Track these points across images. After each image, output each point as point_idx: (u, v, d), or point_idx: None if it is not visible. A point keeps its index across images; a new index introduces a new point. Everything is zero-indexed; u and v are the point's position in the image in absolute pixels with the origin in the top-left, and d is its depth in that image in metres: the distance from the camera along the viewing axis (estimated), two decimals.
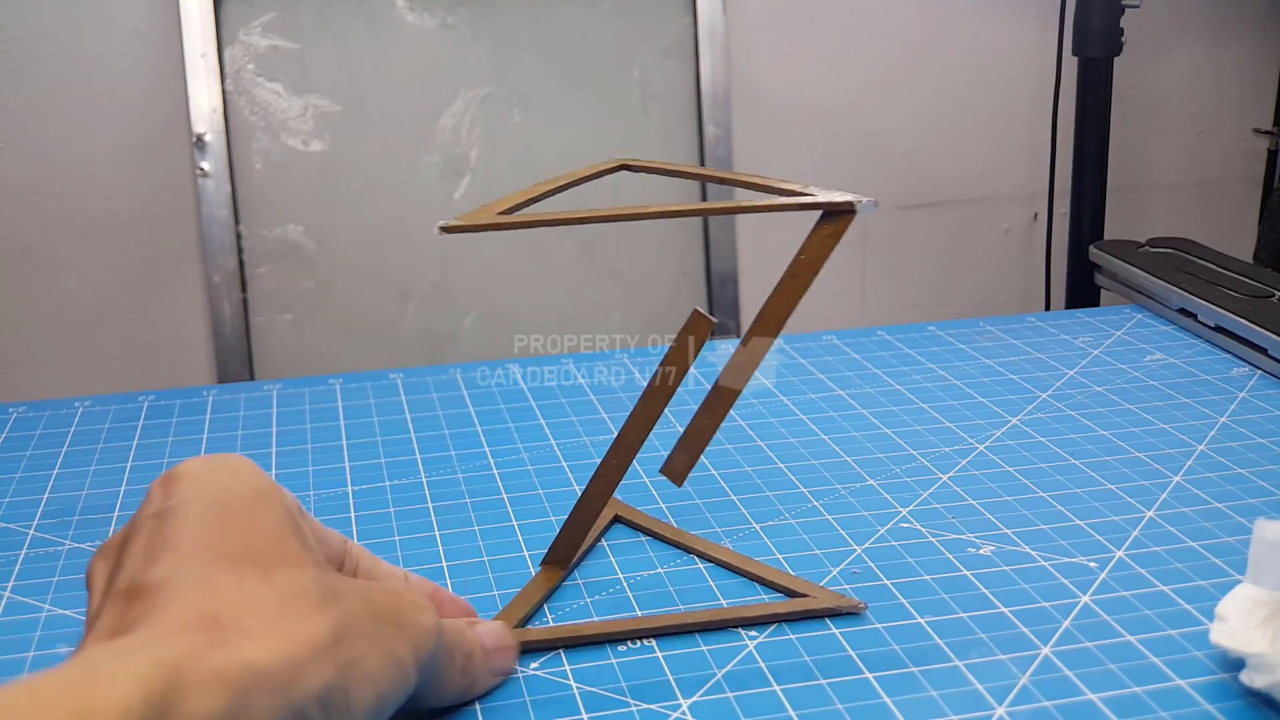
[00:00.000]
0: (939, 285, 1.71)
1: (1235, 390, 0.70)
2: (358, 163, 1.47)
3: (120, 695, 0.29)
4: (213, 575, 0.35)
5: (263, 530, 0.37)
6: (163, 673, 0.30)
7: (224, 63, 1.42)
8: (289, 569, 0.36)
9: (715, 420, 0.49)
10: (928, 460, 0.62)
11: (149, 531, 0.37)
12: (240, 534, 0.37)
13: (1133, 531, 0.54)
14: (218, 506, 0.37)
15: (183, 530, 0.36)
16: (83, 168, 1.45)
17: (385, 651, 0.36)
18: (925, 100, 1.63)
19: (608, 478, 0.50)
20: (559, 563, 0.52)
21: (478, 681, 0.43)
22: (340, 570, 0.44)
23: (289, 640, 0.34)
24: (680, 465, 0.50)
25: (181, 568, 0.35)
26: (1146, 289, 0.84)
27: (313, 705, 0.33)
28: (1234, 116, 1.73)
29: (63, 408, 0.71)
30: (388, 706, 0.37)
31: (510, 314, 1.50)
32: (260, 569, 0.36)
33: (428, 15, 1.46)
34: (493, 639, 0.44)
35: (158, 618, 0.34)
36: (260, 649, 0.33)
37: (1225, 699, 0.42)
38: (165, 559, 0.36)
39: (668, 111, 1.53)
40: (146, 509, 0.38)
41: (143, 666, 0.30)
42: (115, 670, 0.30)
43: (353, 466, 0.63)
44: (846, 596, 0.49)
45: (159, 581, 0.35)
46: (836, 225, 0.46)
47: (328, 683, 0.34)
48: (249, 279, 1.46)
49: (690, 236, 1.56)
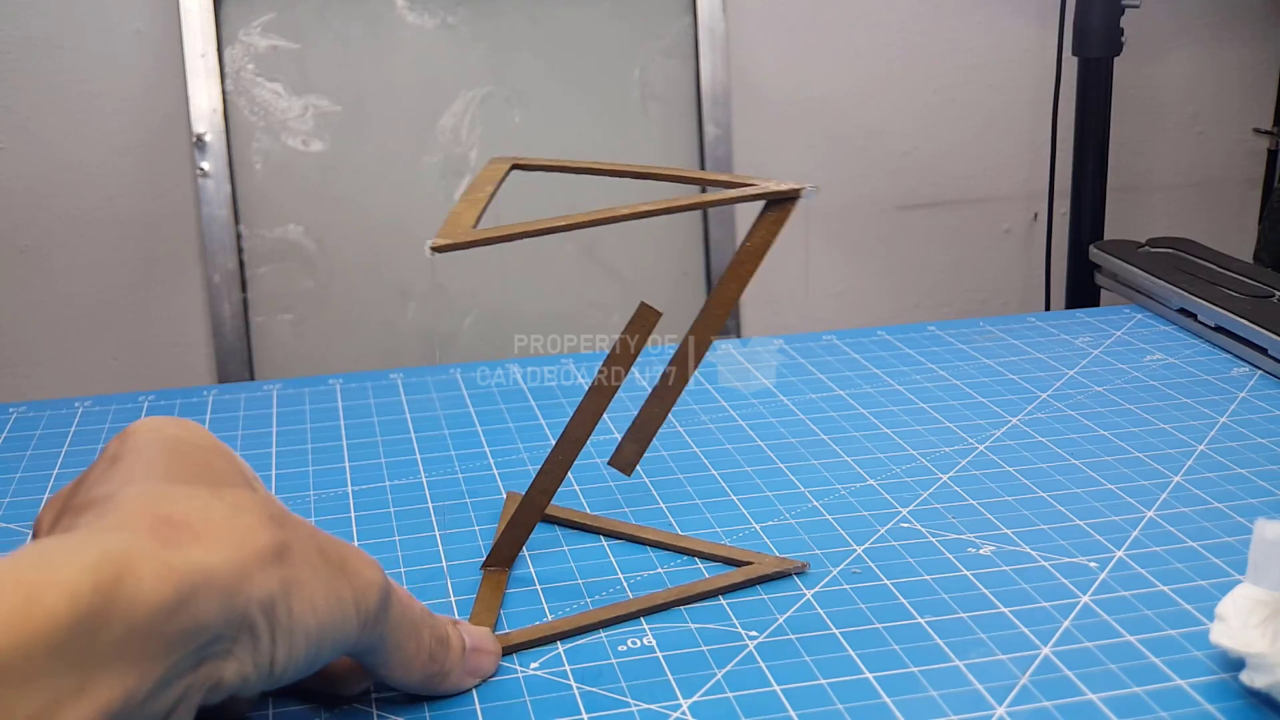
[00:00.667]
0: (939, 285, 1.71)
1: (1235, 390, 0.70)
2: (358, 163, 1.47)
3: (70, 579, 0.30)
4: (162, 490, 0.36)
5: (214, 470, 0.39)
6: (112, 562, 0.31)
7: (224, 63, 1.42)
8: (237, 491, 0.37)
9: (664, 408, 0.50)
10: (928, 460, 0.62)
11: (102, 467, 0.38)
12: (192, 468, 0.38)
13: (1133, 531, 0.54)
14: (172, 448, 0.39)
15: (136, 462, 0.37)
16: (83, 168, 1.45)
17: (327, 586, 0.37)
18: (925, 100, 1.63)
19: (553, 474, 0.50)
20: (502, 563, 0.52)
21: (450, 673, 0.43)
22: None
23: (237, 545, 0.34)
24: (629, 454, 0.51)
25: (132, 483, 0.36)
26: (1146, 289, 0.84)
27: (256, 610, 0.34)
28: (1234, 116, 1.73)
29: (63, 408, 0.71)
30: (326, 640, 0.37)
31: (510, 314, 1.50)
32: (211, 489, 0.37)
33: (428, 15, 1.46)
34: (475, 639, 0.44)
35: (108, 518, 0.34)
36: (209, 552, 0.34)
37: (1225, 699, 0.42)
38: (116, 479, 0.36)
39: (668, 111, 1.53)
40: (99, 461, 0.39)
41: (92, 555, 0.31)
42: (66, 560, 0.31)
43: (353, 466, 0.63)
44: (789, 559, 0.51)
45: (109, 494, 0.36)
46: (780, 212, 0.48)
47: (271, 592, 0.35)
48: (249, 279, 1.46)
49: (690, 236, 1.56)
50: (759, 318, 1.63)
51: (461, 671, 0.43)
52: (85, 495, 0.37)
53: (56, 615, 0.29)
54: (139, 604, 0.31)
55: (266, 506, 0.37)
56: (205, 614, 0.33)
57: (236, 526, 0.35)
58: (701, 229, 1.56)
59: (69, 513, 0.36)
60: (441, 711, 0.43)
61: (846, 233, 1.66)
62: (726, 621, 0.48)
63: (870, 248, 1.67)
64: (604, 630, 0.48)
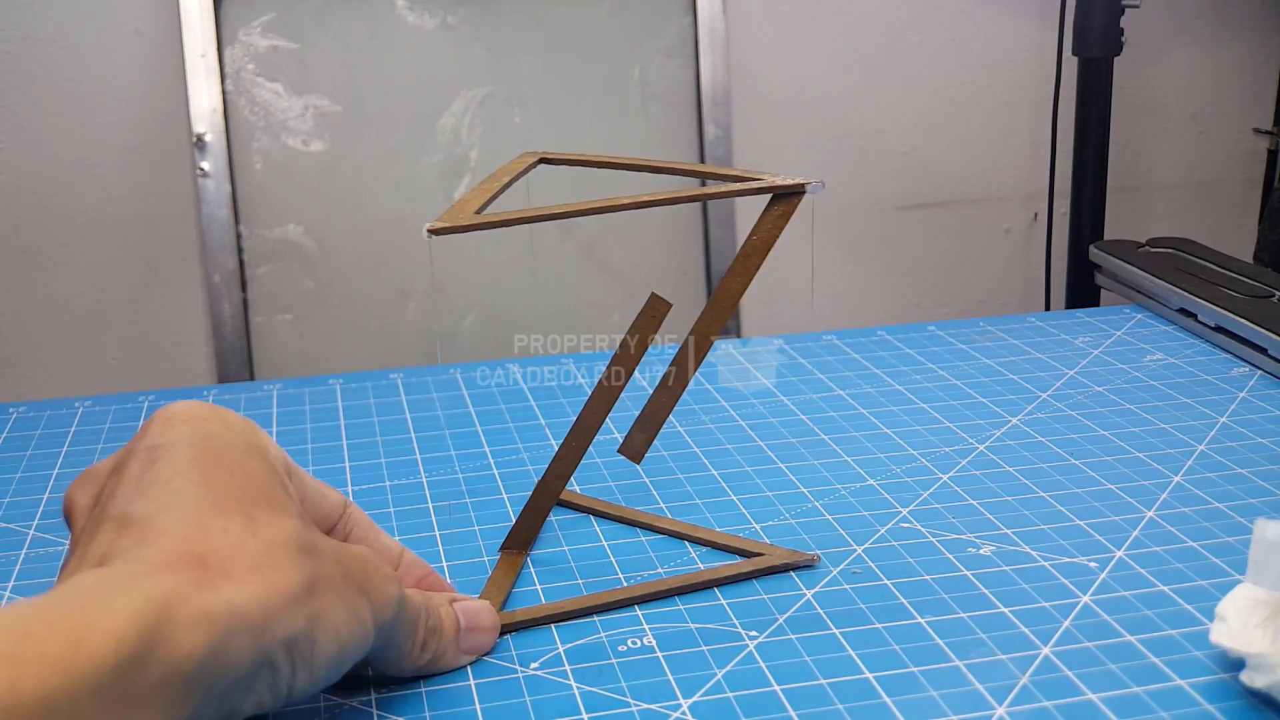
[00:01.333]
0: (939, 285, 1.71)
1: (1235, 390, 0.70)
2: (358, 163, 1.47)
3: (115, 626, 0.31)
4: (200, 515, 0.37)
5: (251, 478, 0.39)
6: (154, 607, 0.32)
7: (224, 63, 1.42)
8: (273, 517, 0.38)
9: (673, 398, 0.50)
10: (928, 460, 0.62)
11: (141, 463, 0.38)
12: (228, 479, 0.38)
13: (1133, 531, 0.54)
14: (209, 452, 0.39)
15: (174, 468, 0.38)
16: (83, 168, 1.45)
17: (349, 609, 0.38)
18: (925, 100, 1.63)
19: (568, 460, 0.51)
20: (519, 546, 0.53)
21: (442, 656, 0.44)
22: (333, 531, 0.45)
23: (267, 587, 0.35)
24: (638, 444, 0.51)
25: (170, 504, 0.37)
26: (1146, 289, 0.84)
27: (280, 649, 0.35)
28: (1234, 116, 1.73)
29: (63, 408, 0.71)
30: (346, 659, 0.39)
31: (510, 314, 1.50)
32: (245, 516, 0.37)
33: (428, 15, 1.46)
34: (470, 618, 0.45)
35: (147, 550, 0.35)
36: (241, 592, 0.35)
37: (1225, 699, 0.42)
38: (155, 494, 0.37)
39: (668, 111, 1.53)
40: (140, 441, 0.40)
41: (136, 600, 0.32)
42: (110, 602, 0.32)
43: (353, 466, 0.63)
44: (800, 552, 0.52)
45: (148, 514, 0.36)
46: (786, 206, 0.48)
47: (296, 630, 0.36)
48: (249, 279, 1.46)
49: (690, 236, 1.56)
50: (759, 318, 1.63)
51: (455, 652, 0.45)
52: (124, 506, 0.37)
53: (101, 660, 0.30)
54: (176, 651, 0.32)
55: (298, 536, 0.38)
56: (235, 657, 0.34)
57: (267, 565, 0.36)
58: (701, 229, 1.56)
59: (108, 521, 0.37)
60: (441, 711, 0.43)
61: (846, 233, 1.66)
62: (726, 621, 0.48)
63: (870, 248, 1.67)
64: (605, 631, 0.48)
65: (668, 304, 0.49)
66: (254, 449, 0.41)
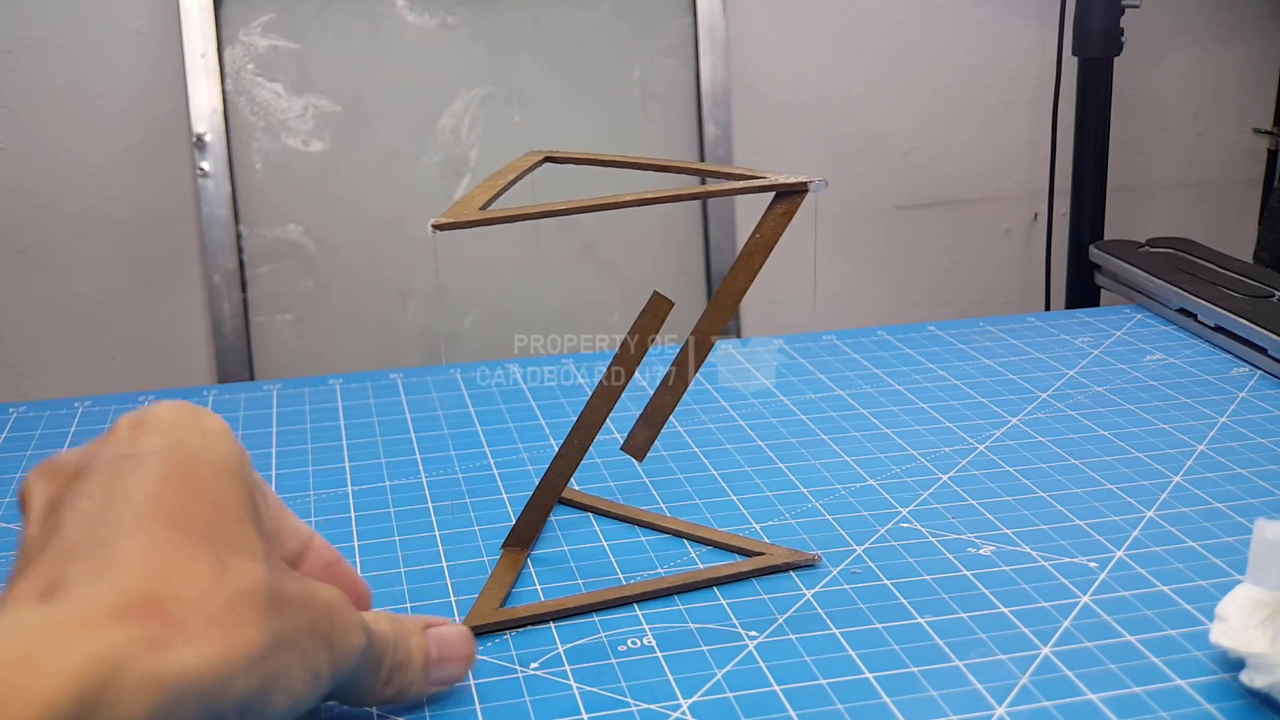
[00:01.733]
0: (939, 285, 1.71)
1: (1235, 390, 0.70)
2: (358, 163, 1.47)
3: (53, 687, 0.29)
4: (165, 551, 0.34)
5: (221, 508, 0.36)
6: (99, 668, 0.30)
7: (224, 63, 1.42)
8: (242, 561, 0.35)
9: (675, 396, 0.51)
10: (928, 460, 0.62)
11: (108, 475, 0.36)
12: (198, 507, 0.36)
13: (1133, 531, 0.54)
14: (182, 472, 0.36)
15: (143, 488, 0.35)
16: (83, 168, 1.45)
17: (309, 666, 0.36)
18: (925, 100, 1.63)
19: (570, 458, 0.52)
20: (520, 544, 0.53)
21: (408, 690, 0.42)
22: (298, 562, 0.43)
23: (227, 646, 0.33)
24: (641, 441, 0.52)
25: (133, 531, 0.34)
26: (1146, 289, 0.84)
27: (231, 711, 0.33)
28: (1234, 116, 1.73)
29: (63, 408, 0.71)
30: (299, 710, 0.36)
31: (510, 314, 1.50)
32: (213, 558, 0.35)
33: (428, 15, 1.46)
34: (444, 647, 0.43)
35: (101, 588, 0.33)
36: (196, 654, 0.32)
37: (1225, 699, 0.42)
38: (118, 515, 0.35)
39: (668, 111, 1.53)
40: (109, 448, 0.37)
41: (78, 660, 0.30)
42: (48, 660, 0.30)
43: (353, 466, 0.63)
44: (800, 551, 0.52)
45: (108, 540, 0.34)
46: (789, 205, 0.49)
47: (251, 691, 0.34)
48: (249, 279, 1.46)
49: (690, 236, 1.56)
50: (759, 318, 1.63)
51: (423, 683, 0.43)
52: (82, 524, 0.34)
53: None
54: (115, 715, 0.30)
55: (266, 586, 0.35)
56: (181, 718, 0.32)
57: (230, 620, 0.34)
58: (701, 229, 1.56)
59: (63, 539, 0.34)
60: (441, 711, 0.43)
61: (846, 233, 1.66)
62: (726, 621, 0.48)
63: (870, 248, 1.67)
64: (605, 631, 0.48)
65: (670, 302, 0.49)
66: (228, 470, 0.38)
